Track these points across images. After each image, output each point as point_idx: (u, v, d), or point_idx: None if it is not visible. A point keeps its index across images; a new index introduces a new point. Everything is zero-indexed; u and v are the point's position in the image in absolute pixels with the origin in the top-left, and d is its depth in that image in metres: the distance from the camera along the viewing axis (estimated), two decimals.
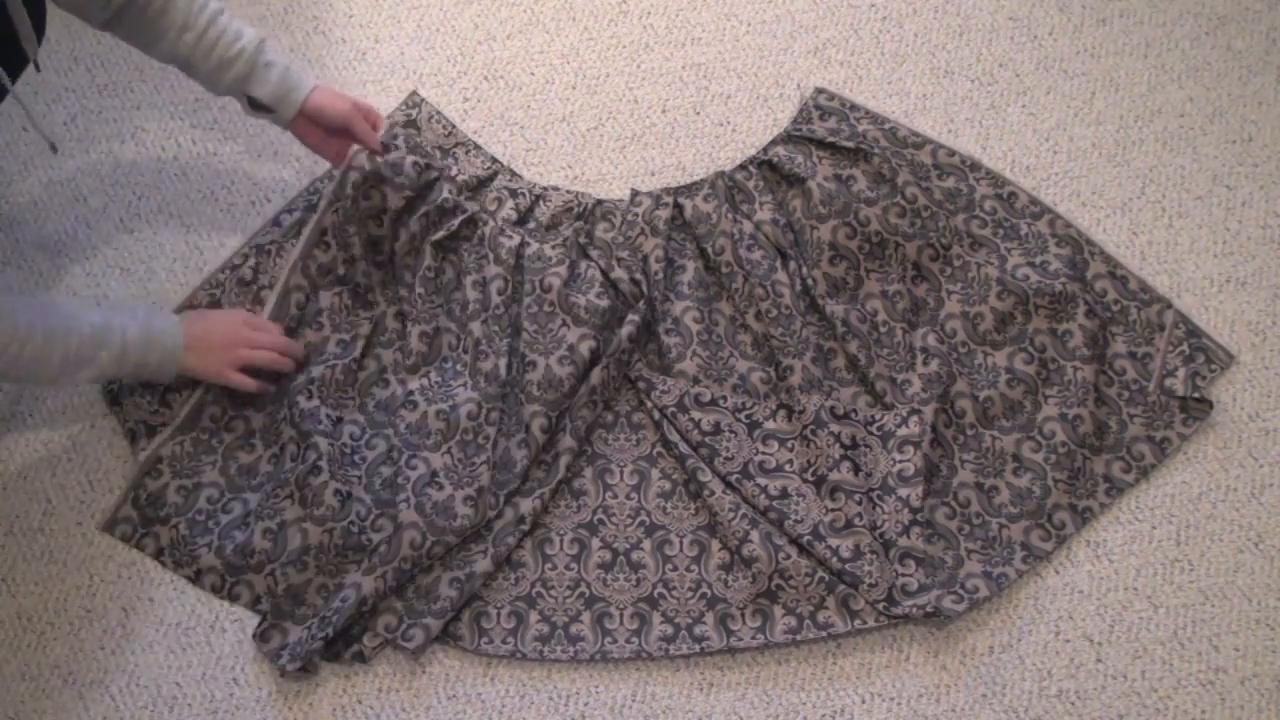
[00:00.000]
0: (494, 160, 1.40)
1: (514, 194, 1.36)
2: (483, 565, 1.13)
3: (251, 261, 1.29)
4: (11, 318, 1.02)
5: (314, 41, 1.50)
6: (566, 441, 1.19)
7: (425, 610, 1.12)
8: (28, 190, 1.39)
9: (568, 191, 1.37)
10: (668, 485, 1.21)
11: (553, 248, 1.29)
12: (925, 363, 1.25)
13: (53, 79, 1.45)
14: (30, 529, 1.19)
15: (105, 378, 1.12)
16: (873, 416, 1.23)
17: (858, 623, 1.13)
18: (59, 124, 1.43)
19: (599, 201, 1.35)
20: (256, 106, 1.20)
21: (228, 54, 1.15)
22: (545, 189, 1.38)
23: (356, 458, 1.19)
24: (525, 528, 1.16)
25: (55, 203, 1.38)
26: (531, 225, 1.33)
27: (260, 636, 1.11)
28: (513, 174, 1.40)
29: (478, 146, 1.41)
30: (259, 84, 1.17)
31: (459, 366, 1.23)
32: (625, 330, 1.23)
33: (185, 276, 1.33)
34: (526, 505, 1.16)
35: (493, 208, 1.35)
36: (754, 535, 1.14)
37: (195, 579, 1.15)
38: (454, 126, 1.42)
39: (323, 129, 1.24)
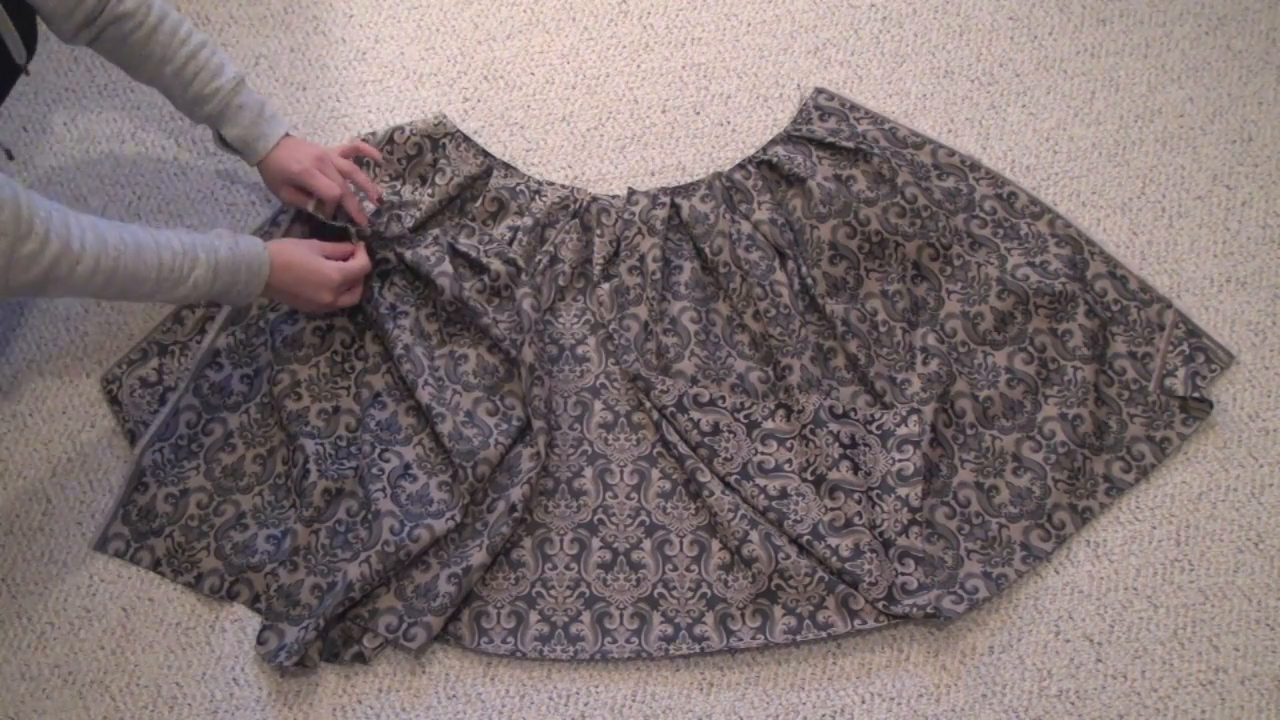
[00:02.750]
0: (486, 155, 1.38)
1: (512, 193, 1.36)
2: (479, 558, 1.13)
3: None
4: (102, 235, 1.02)
5: (314, 41, 1.50)
6: (536, 424, 1.20)
7: (425, 609, 1.12)
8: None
9: (563, 186, 1.37)
10: (668, 485, 1.21)
11: (426, 247, 1.29)
12: (925, 362, 1.25)
13: (53, 79, 1.45)
14: (30, 529, 1.19)
15: (196, 297, 1.11)
16: (872, 415, 1.23)
17: (858, 623, 1.13)
18: (59, 124, 1.43)
19: (594, 199, 1.35)
20: (224, 145, 1.23)
21: (203, 91, 1.18)
22: (540, 183, 1.37)
23: (353, 449, 1.20)
24: (518, 515, 1.16)
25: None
26: (529, 220, 1.33)
27: (259, 640, 1.11)
28: (506, 168, 1.39)
29: (468, 139, 1.38)
30: (229, 125, 1.20)
31: (415, 362, 1.24)
32: (526, 304, 1.25)
33: None
34: (516, 493, 1.16)
35: (493, 208, 1.35)
36: (753, 535, 1.14)
37: (195, 584, 1.15)
38: (444, 116, 1.41)
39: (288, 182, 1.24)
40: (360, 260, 1.24)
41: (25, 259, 0.95)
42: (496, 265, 1.28)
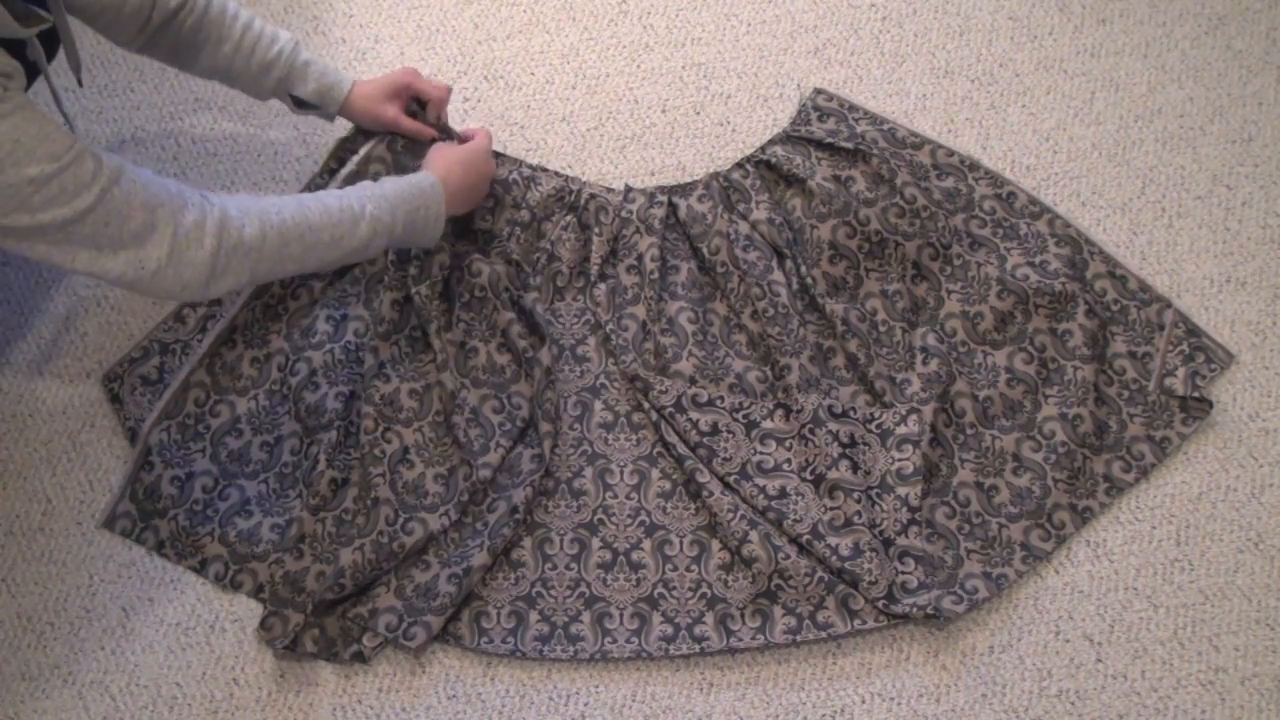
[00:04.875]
0: None
1: (505, 185, 1.34)
2: (480, 559, 1.13)
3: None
4: (250, 200, 1.00)
5: (314, 41, 1.50)
6: (544, 426, 1.20)
7: (425, 608, 1.12)
8: None
9: (556, 174, 1.36)
10: (668, 485, 1.21)
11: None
12: (925, 362, 1.25)
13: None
14: (30, 529, 1.19)
15: (381, 232, 1.09)
16: (871, 415, 1.23)
17: (857, 623, 1.13)
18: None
19: (592, 195, 1.34)
20: (301, 105, 1.24)
21: (267, 57, 1.18)
22: (533, 169, 1.36)
23: (360, 436, 1.20)
24: (519, 517, 1.16)
25: None
26: (525, 214, 1.32)
27: (262, 625, 1.11)
28: (495, 155, 1.35)
29: (451, 131, 1.34)
30: (302, 82, 1.21)
31: (424, 345, 1.24)
32: (538, 307, 1.26)
33: None
34: (519, 495, 1.16)
35: (488, 203, 1.34)
36: (753, 535, 1.14)
37: (200, 569, 1.16)
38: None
39: (378, 112, 1.26)
40: (476, 135, 1.28)
41: (192, 229, 0.93)
42: (498, 266, 1.28)
